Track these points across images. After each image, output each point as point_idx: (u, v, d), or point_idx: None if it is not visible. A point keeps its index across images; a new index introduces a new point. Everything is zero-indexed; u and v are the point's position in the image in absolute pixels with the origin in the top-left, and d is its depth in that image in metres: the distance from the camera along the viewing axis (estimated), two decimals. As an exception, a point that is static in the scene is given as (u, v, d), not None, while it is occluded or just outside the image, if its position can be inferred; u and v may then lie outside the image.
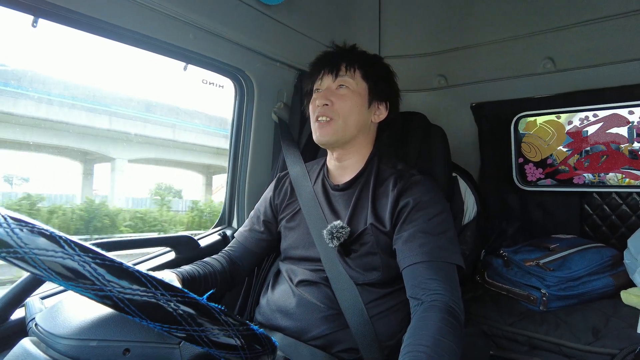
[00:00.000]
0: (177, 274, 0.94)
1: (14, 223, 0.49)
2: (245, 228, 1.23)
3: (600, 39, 1.41)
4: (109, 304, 0.50)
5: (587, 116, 1.67)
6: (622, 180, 1.64)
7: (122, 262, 0.52)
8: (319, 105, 1.05)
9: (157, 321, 0.50)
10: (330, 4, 1.57)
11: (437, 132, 1.27)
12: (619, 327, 1.20)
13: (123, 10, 1.03)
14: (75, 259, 0.49)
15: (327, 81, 1.08)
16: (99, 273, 0.49)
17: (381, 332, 0.95)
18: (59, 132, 5.08)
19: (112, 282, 0.49)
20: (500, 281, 1.51)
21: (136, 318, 0.50)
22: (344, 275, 0.98)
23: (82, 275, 0.49)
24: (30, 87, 4.40)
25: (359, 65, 1.08)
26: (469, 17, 1.63)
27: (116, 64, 6.10)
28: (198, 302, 0.53)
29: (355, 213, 1.03)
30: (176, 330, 0.51)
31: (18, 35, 2.80)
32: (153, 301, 0.50)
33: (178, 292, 0.52)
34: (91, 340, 0.55)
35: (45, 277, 0.49)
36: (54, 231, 0.50)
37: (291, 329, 0.98)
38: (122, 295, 0.49)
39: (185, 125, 6.93)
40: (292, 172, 1.22)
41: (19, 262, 0.48)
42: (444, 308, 0.78)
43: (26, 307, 0.71)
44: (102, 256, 0.51)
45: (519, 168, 1.84)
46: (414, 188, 0.99)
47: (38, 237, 0.49)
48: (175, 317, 0.50)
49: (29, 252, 0.48)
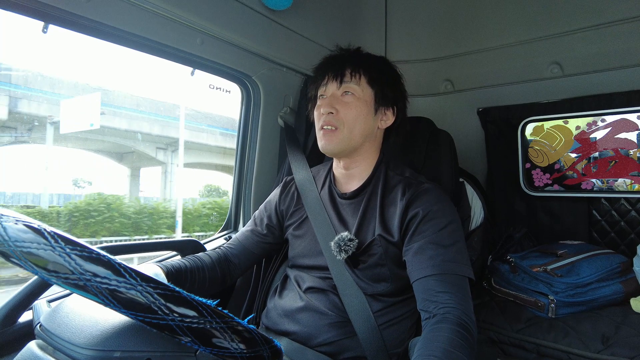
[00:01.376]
0: (162, 267, 0.93)
1: (69, 247, 0.50)
2: (248, 228, 1.22)
3: (607, 44, 1.40)
4: (166, 333, 0.51)
5: (595, 121, 1.66)
6: (632, 186, 1.62)
7: (181, 291, 0.52)
8: (324, 113, 1.02)
9: (204, 344, 0.52)
10: (336, 9, 1.58)
11: (444, 138, 1.26)
12: (629, 335, 1.18)
13: (131, 16, 1.04)
14: (138, 289, 0.50)
15: (331, 87, 1.04)
16: (161, 303, 0.50)
17: (389, 340, 0.95)
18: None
19: (175, 311, 0.51)
20: (507, 287, 1.50)
21: (186, 341, 0.52)
22: (352, 284, 0.97)
23: (148, 308, 0.50)
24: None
25: (365, 70, 1.04)
26: (475, 22, 1.63)
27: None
28: (241, 325, 0.54)
29: (363, 223, 1.02)
30: (212, 349, 0.52)
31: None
32: (203, 327, 0.51)
33: (227, 318, 0.53)
34: (114, 351, 0.55)
35: (105, 304, 0.50)
36: (110, 257, 0.51)
37: (298, 334, 0.98)
38: (182, 324, 0.51)
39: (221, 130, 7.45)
40: (298, 178, 1.21)
41: (78, 289, 0.50)
42: (456, 321, 0.77)
43: (34, 310, 0.71)
44: (164, 285, 0.52)
45: (526, 173, 1.82)
46: (423, 197, 0.97)
47: (97, 265, 0.50)
48: (219, 337, 0.52)
49: (91, 280, 0.49)
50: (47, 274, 0.49)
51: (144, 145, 7.20)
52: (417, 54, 1.77)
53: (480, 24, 1.62)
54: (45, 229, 0.50)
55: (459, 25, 1.67)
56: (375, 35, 1.77)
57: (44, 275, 0.50)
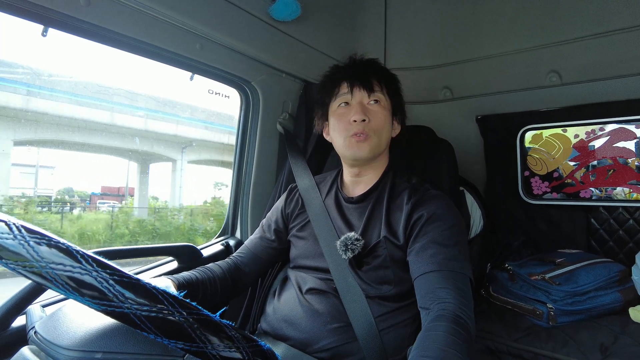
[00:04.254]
0: (174, 280, 0.93)
1: (29, 235, 0.50)
2: (256, 235, 1.23)
3: (606, 53, 1.41)
4: (125, 321, 0.50)
5: (594, 130, 1.67)
6: (630, 195, 1.62)
7: (139, 279, 0.52)
8: (357, 120, 1.02)
9: (172, 338, 0.50)
10: (336, 16, 1.58)
11: (444, 146, 1.26)
12: (628, 345, 1.17)
13: (131, 20, 1.04)
14: (93, 275, 0.49)
15: (359, 96, 1.05)
16: (117, 290, 0.50)
17: (389, 346, 0.94)
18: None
19: (130, 299, 0.50)
20: (505, 295, 1.49)
21: (151, 335, 0.50)
22: (354, 286, 0.98)
23: (102, 292, 0.49)
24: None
25: (386, 81, 1.08)
26: (474, 30, 1.63)
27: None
28: (211, 319, 0.53)
29: (368, 225, 1.03)
30: (189, 346, 0.51)
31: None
32: (170, 319, 0.50)
33: (192, 309, 0.52)
34: (96, 352, 0.54)
35: (61, 292, 0.49)
36: (70, 245, 0.51)
37: (297, 339, 0.97)
38: (139, 312, 0.50)
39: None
40: (301, 184, 1.23)
41: (34, 275, 0.49)
42: (451, 317, 0.76)
43: (27, 315, 0.70)
44: (120, 272, 0.51)
45: (524, 181, 1.82)
46: (429, 202, 0.98)
47: (54, 251, 0.50)
48: (190, 333, 0.51)
49: (46, 267, 0.49)
50: (8, 262, 0.49)
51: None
52: (416, 62, 1.77)
53: (479, 31, 1.63)
54: (9, 221, 0.51)
55: (458, 32, 1.68)
56: (374, 43, 1.77)
57: (7, 266, 0.50)
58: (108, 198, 7.45)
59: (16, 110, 4.93)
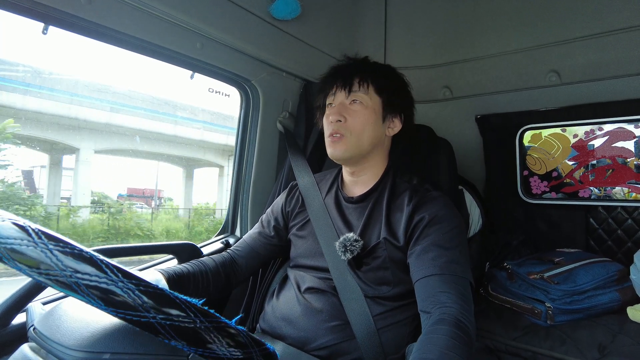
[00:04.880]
0: (163, 273, 0.92)
1: (52, 244, 0.49)
2: (255, 230, 1.23)
3: (605, 53, 1.41)
4: (147, 329, 0.51)
5: (593, 129, 1.67)
6: (629, 194, 1.62)
7: (163, 289, 0.52)
8: (332, 121, 1.04)
9: (192, 345, 0.52)
10: (336, 15, 1.58)
11: (443, 145, 1.27)
12: (626, 344, 1.18)
13: (132, 19, 1.04)
14: (119, 285, 0.50)
15: (340, 96, 1.06)
16: (143, 301, 0.50)
17: (387, 344, 0.94)
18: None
19: (155, 309, 0.50)
20: (504, 294, 1.50)
21: (172, 342, 0.52)
22: (353, 285, 0.98)
23: (128, 303, 0.50)
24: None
25: (372, 79, 1.06)
26: (474, 29, 1.64)
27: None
28: (228, 326, 0.54)
29: (368, 226, 1.02)
30: (203, 351, 0.52)
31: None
32: (191, 326, 0.51)
33: (212, 316, 0.53)
34: (104, 353, 0.54)
35: (85, 300, 0.50)
36: (93, 254, 0.51)
37: (295, 338, 0.97)
38: (164, 322, 0.50)
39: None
40: (301, 182, 1.22)
41: (57, 284, 0.49)
42: (453, 321, 0.76)
43: (27, 312, 0.71)
44: (145, 283, 0.51)
45: (523, 181, 1.83)
46: (430, 203, 0.98)
47: (78, 260, 0.50)
48: (207, 339, 0.52)
49: (72, 276, 0.49)
50: (30, 270, 0.49)
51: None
52: (416, 61, 1.78)
53: (478, 31, 1.63)
54: (29, 226, 0.50)
55: (457, 32, 1.68)
56: (374, 42, 1.77)
57: (27, 272, 0.49)
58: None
59: (100, 124, 6.38)
